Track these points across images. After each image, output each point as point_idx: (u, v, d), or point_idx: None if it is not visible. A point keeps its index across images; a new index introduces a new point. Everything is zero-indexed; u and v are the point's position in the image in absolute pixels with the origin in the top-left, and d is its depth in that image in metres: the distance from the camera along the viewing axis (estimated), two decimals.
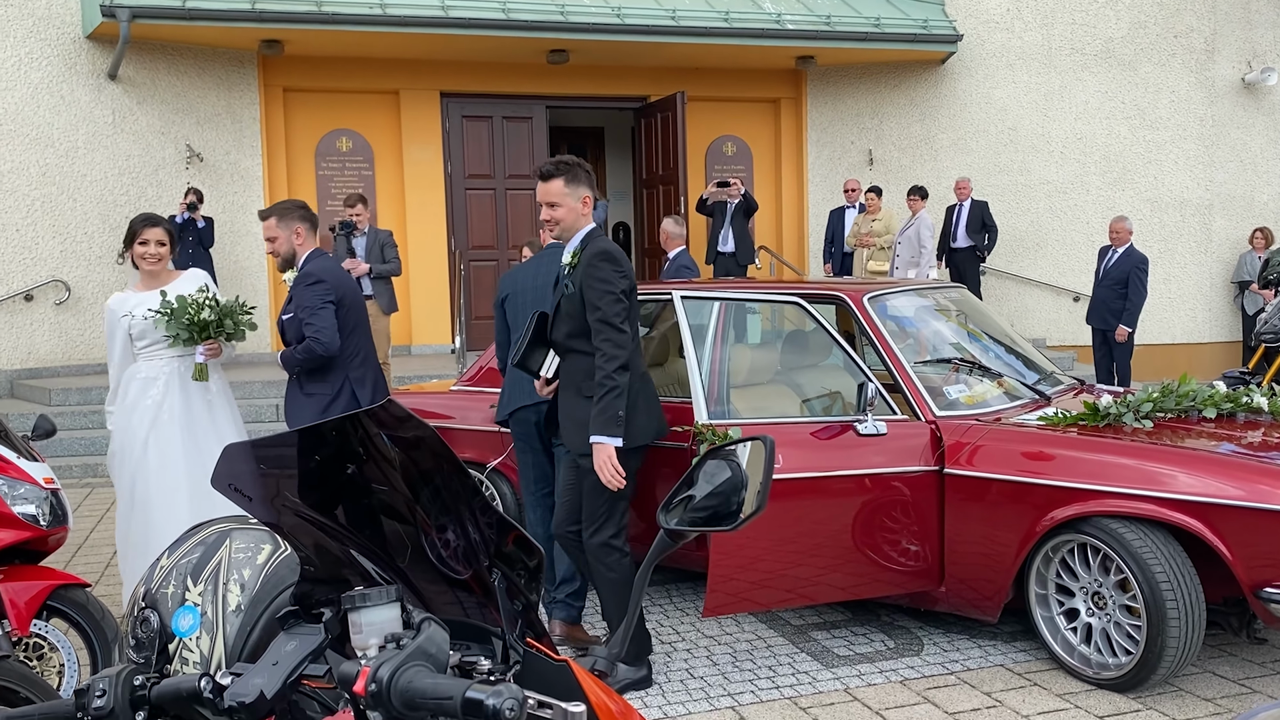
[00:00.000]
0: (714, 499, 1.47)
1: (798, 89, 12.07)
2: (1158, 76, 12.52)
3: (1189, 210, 12.76)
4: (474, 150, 11.39)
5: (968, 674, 3.95)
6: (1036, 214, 12.31)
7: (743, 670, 4.05)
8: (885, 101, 12.06)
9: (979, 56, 12.04)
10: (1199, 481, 3.58)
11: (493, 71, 11.15)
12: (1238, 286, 12.74)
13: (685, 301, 4.51)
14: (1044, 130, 12.32)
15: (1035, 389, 4.54)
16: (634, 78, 11.55)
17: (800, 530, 4.12)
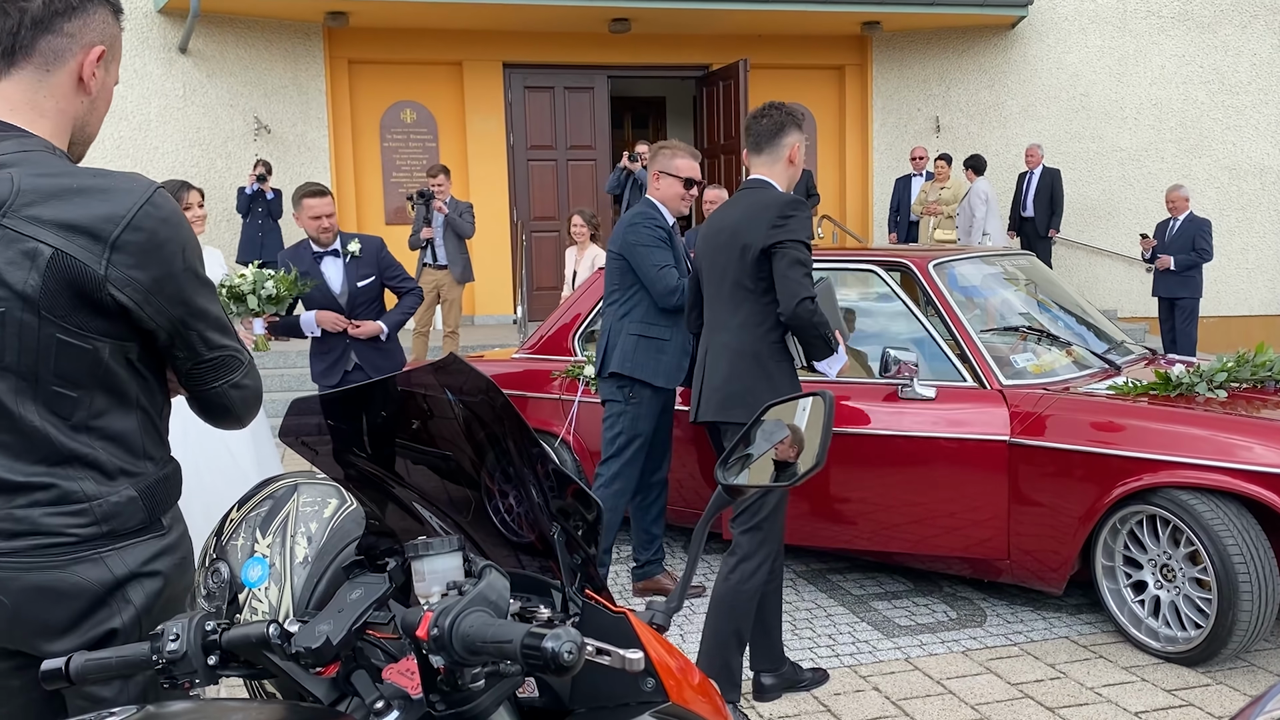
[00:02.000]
0: (773, 455, 1.47)
1: (863, 55, 11.87)
2: (1238, 39, 12.09)
3: (1269, 178, 12.34)
4: (536, 121, 11.41)
5: (1031, 645, 3.91)
6: (1109, 182, 12.01)
7: (802, 638, 4.05)
8: (953, 67, 11.81)
9: (1050, 20, 11.73)
10: (1274, 452, 3.49)
11: (555, 41, 11.14)
12: None
13: None
14: (1118, 96, 11.98)
15: (1105, 358, 4.45)
16: (696, 46, 11.46)
17: (837, 479, 4.34)
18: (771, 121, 3.39)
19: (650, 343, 4.24)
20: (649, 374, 4.24)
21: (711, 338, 3.41)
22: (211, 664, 1.21)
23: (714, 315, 3.42)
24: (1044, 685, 3.56)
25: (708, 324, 3.46)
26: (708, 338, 3.45)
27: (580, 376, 5.12)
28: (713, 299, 3.42)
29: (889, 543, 4.34)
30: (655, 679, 1.26)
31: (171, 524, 1.64)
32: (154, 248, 1.48)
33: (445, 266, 8.50)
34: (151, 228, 1.48)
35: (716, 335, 3.39)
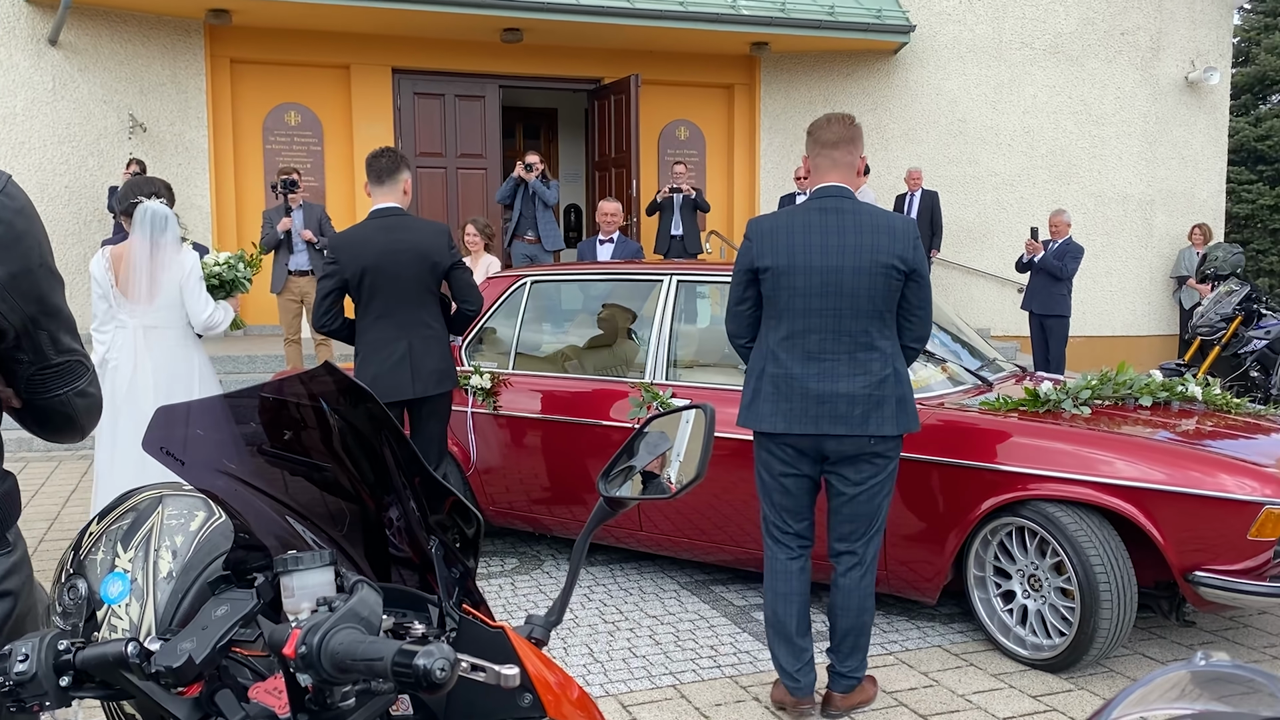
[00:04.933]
0: (656, 468, 1.47)
1: (752, 75, 12.09)
2: (1104, 73, 12.72)
3: (1131, 205, 13.00)
4: (426, 128, 11.27)
5: (906, 654, 4.00)
6: (984, 205, 12.47)
7: (685, 649, 4.07)
8: (838, 90, 12.12)
9: (931, 48, 12.15)
10: (1133, 467, 3.66)
11: (446, 48, 11.03)
12: (1176, 281, 13.02)
13: (642, 282, 4.51)
14: (993, 123, 12.46)
15: (978, 375, 4.61)
16: (588, 59, 11.49)
17: (719, 490, 4.43)
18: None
19: None
20: None
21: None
22: (64, 685, 1.15)
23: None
24: (917, 693, 3.65)
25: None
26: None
27: (468, 388, 5.06)
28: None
29: None
30: (533, 694, 1.24)
31: (15, 541, 1.55)
32: (11, 241, 1.40)
33: (308, 272, 8.14)
34: (8, 220, 1.40)
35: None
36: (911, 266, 3.23)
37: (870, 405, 3.20)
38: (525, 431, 4.96)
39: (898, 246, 3.21)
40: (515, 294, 5.21)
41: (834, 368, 3.23)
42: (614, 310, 5.33)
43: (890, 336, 3.27)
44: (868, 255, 3.19)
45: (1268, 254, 20.00)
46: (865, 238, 3.21)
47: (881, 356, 3.23)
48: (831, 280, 3.21)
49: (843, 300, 3.20)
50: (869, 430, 3.20)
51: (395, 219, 4.28)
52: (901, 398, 3.25)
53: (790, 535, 3.43)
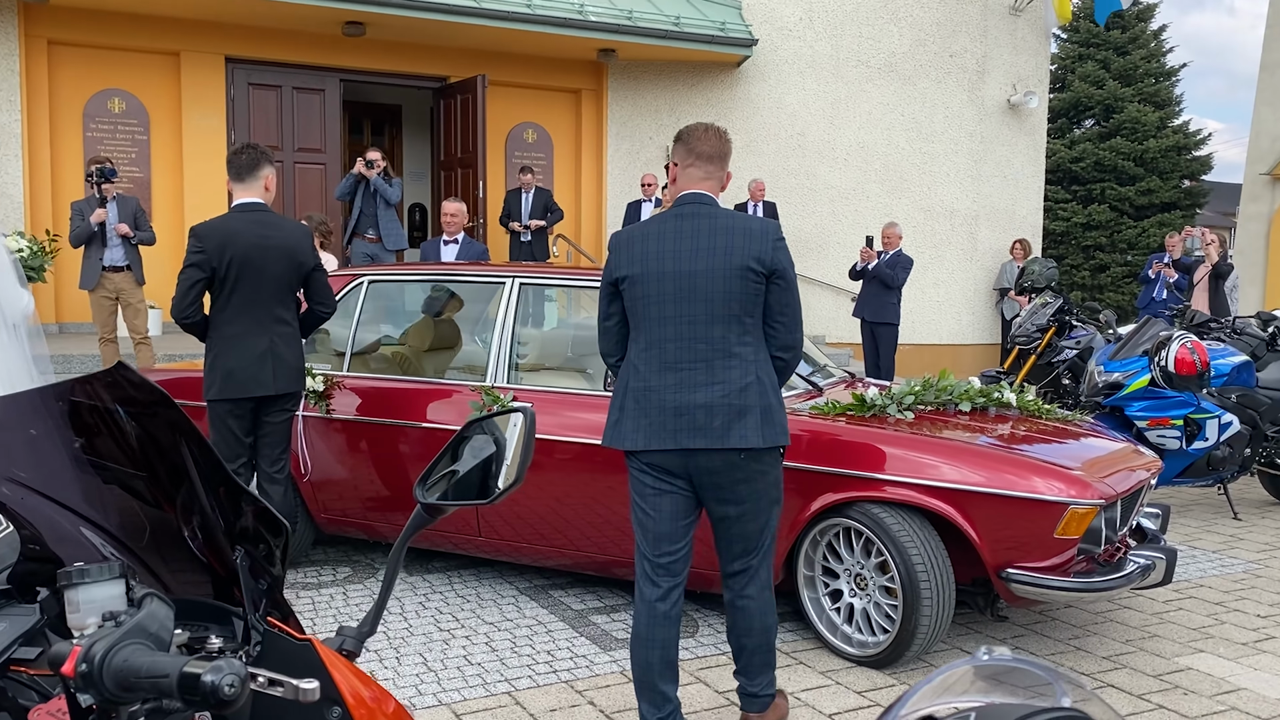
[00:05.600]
0: (478, 472, 1.45)
1: (599, 81, 12.14)
2: (934, 93, 13.31)
3: (958, 220, 13.64)
4: (261, 120, 10.85)
5: None
6: (820, 217, 12.86)
7: (521, 655, 4.04)
8: (683, 99, 12.29)
9: (772, 62, 12.46)
10: (953, 470, 3.83)
11: (284, 39, 10.66)
12: (999, 293, 13.74)
13: (483, 284, 4.46)
14: (830, 137, 12.88)
15: (809, 380, 4.74)
16: (434, 57, 11.31)
17: (560, 494, 4.42)
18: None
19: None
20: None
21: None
22: None
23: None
24: None
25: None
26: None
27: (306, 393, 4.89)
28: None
29: (608, 555, 4.42)
30: (342, 708, 1.20)
31: None
32: None
33: (124, 268, 7.57)
34: None
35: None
36: (770, 268, 3.06)
37: (731, 415, 3.00)
38: (359, 436, 4.83)
39: (754, 247, 3.05)
40: (351, 294, 5.07)
41: (691, 377, 3.04)
42: (454, 312, 5.25)
43: (753, 343, 3.08)
44: (722, 257, 3.04)
45: (1080, 269, 21.34)
46: (720, 239, 3.07)
47: (742, 364, 3.05)
48: (685, 285, 3.06)
49: (697, 306, 3.05)
50: (730, 443, 3.00)
51: (261, 214, 4.32)
52: (767, 408, 3.04)
53: (661, 570, 3.16)
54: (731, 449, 3.02)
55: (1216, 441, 6.10)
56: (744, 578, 3.23)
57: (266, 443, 4.40)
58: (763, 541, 3.21)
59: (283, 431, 4.44)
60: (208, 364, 4.30)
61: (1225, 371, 6.37)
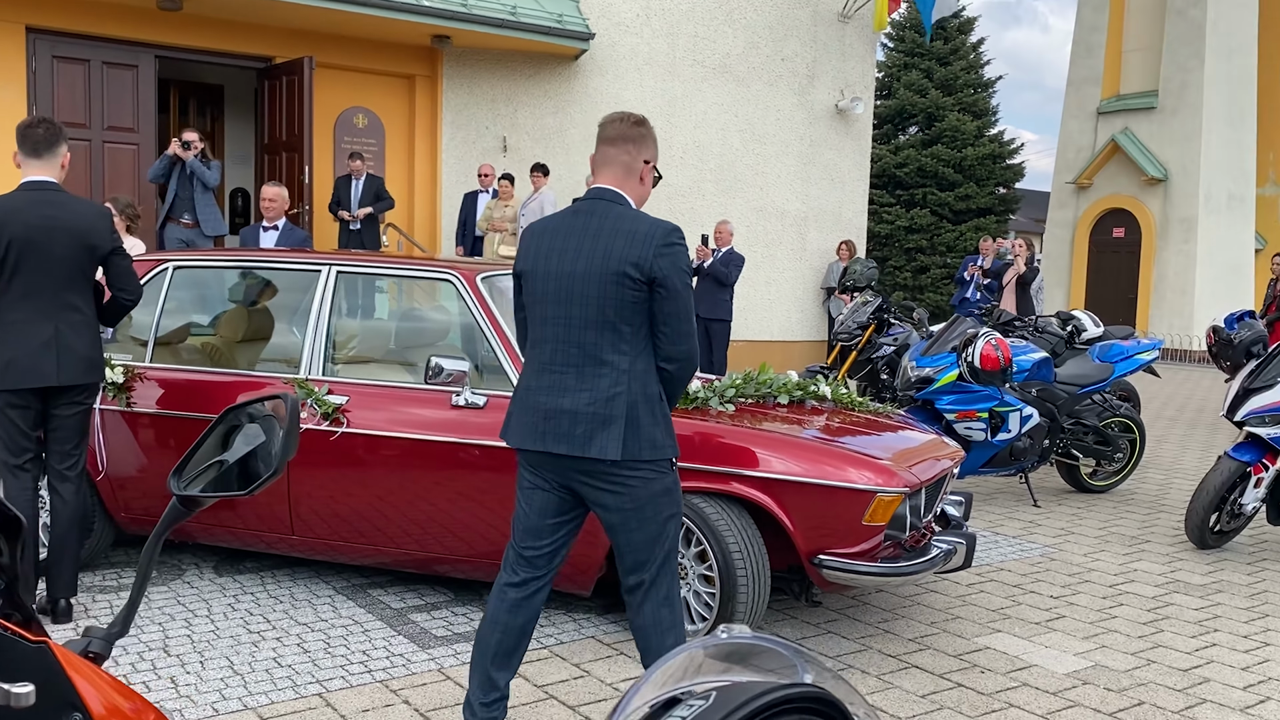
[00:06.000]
0: (249, 462, 1.37)
1: (434, 68, 11.91)
2: (767, 95, 13.64)
3: (788, 220, 14.03)
4: (67, 96, 10.17)
5: (560, 647, 4.06)
6: (657, 214, 12.90)
7: (335, 656, 3.91)
8: (521, 90, 12.20)
9: (610, 57, 12.51)
10: (769, 460, 3.92)
11: (93, 10, 10.02)
12: (825, 292, 14.20)
13: (298, 272, 4.28)
14: (667, 135, 13.01)
15: None
16: (259, 36, 10.85)
17: (381, 490, 4.30)
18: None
19: (664, 407, 3.10)
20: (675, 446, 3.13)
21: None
22: None
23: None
24: (568, 685, 3.71)
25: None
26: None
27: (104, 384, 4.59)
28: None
29: (430, 552, 4.34)
30: (84, 714, 1.11)
31: None
32: None
33: None
34: None
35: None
36: (650, 275, 2.90)
37: (595, 424, 2.92)
38: (163, 430, 4.58)
39: (634, 252, 2.90)
40: (155, 280, 4.80)
41: (562, 381, 2.97)
42: (267, 301, 5.04)
43: (630, 352, 2.96)
44: (600, 261, 2.93)
45: (903, 270, 22.29)
46: (602, 242, 2.95)
47: (613, 373, 2.95)
48: (565, 287, 2.97)
49: (574, 309, 2.96)
50: (590, 452, 2.92)
51: (51, 194, 4.04)
52: (634, 420, 2.93)
53: (522, 562, 3.12)
54: (593, 458, 2.94)
55: (1018, 433, 6.46)
56: (638, 594, 3.10)
57: (56, 438, 4.11)
58: (653, 556, 3.06)
59: (74, 426, 4.15)
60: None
61: (1026, 367, 6.75)
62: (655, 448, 2.98)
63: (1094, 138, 21.82)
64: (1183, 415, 11.88)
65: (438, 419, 4.27)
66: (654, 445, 2.98)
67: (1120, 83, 21.62)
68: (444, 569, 4.42)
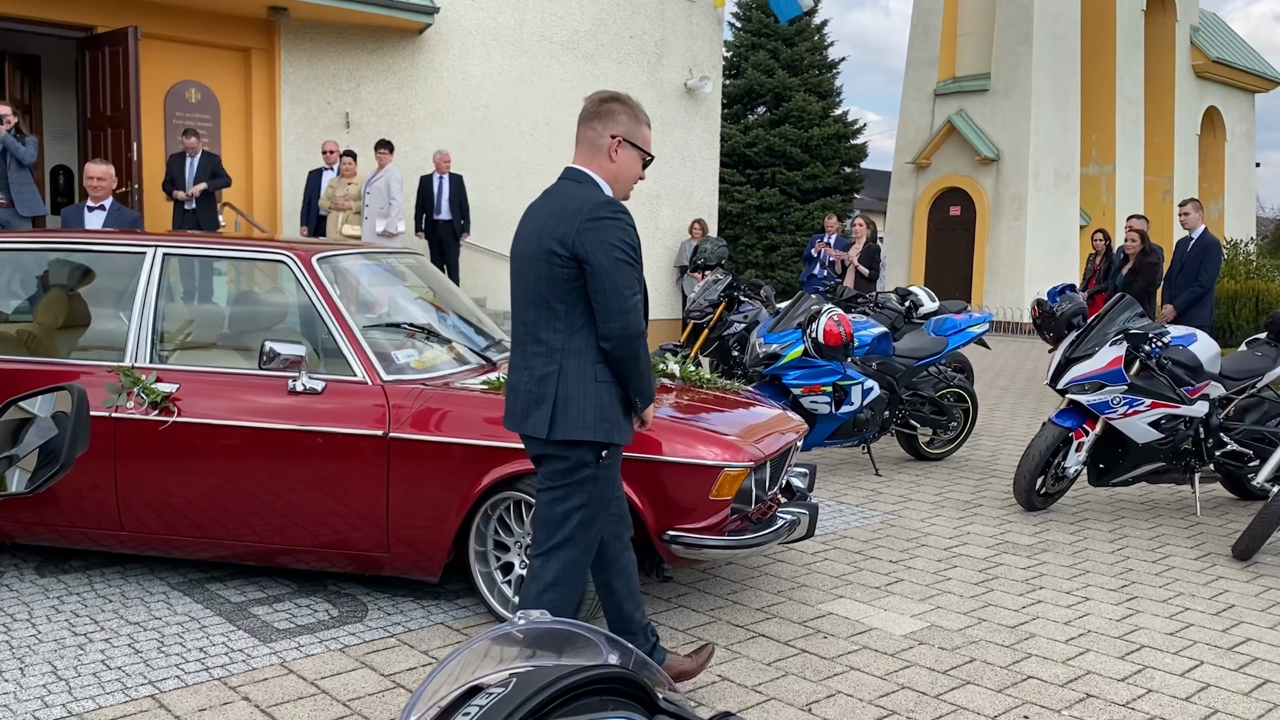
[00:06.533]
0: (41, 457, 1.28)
1: (271, 41, 11.45)
2: (616, 72, 13.64)
3: (640, 199, 14.08)
4: None
5: (408, 635, 4.00)
6: (509, 191, 12.87)
7: (169, 655, 3.74)
8: (363, 65, 11.86)
9: (456, 32, 12.28)
10: None
11: None
12: (679, 270, 14.35)
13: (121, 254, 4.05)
14: (516, 111, 12.88)
15: (483, 355, 4.71)
16: (78, 4, 10.20)
17: (218, 481, 4.16)
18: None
19: (612, 388, 3.06)
20: (624, 432, 3.12)
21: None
22: None
23: None
24: (416, 673, 3.65)
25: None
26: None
27: None
28: None
29: (272, 543, 4.20)
30: None
31: None
32: None
33: None
34: None
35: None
36: (573, 251, 2.92)
37: (530, 402, 3.01)
38: None
39: (560, 229, 2.93)
40: None
41: (513, 359, 3.12)
42: (91, 285, 4.76)
43: (563, 330, 2.98)
44: (535, 241, 3.00)
45: (754, 248, 22.71)
46: (539, 221, 3.02)
47: (547, 352, 2.99)
48: (517, 267, 3.10)
49: (518, 288, 3.09)
50: (526, 429, 3.03)
51: None
52: (564, 399, 2.96)
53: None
54: (531, 436, 3.05)
55: (860, 406, 6.67)
56: (530, 573, 3.13)
57: None
58: (552, 537, 3.08)
59: None
60: None
61: (867, 342, 6.98)
62: (584, 428, 2.99)
63: (931, 119, 22.67)
64: (1013, 385, 12.51)
65: (274, 405, 4.12)
66: (582, 425, 2.99)
67: (956, 65, 22.51)
68: (286, 560, 4.29)
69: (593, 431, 3.00)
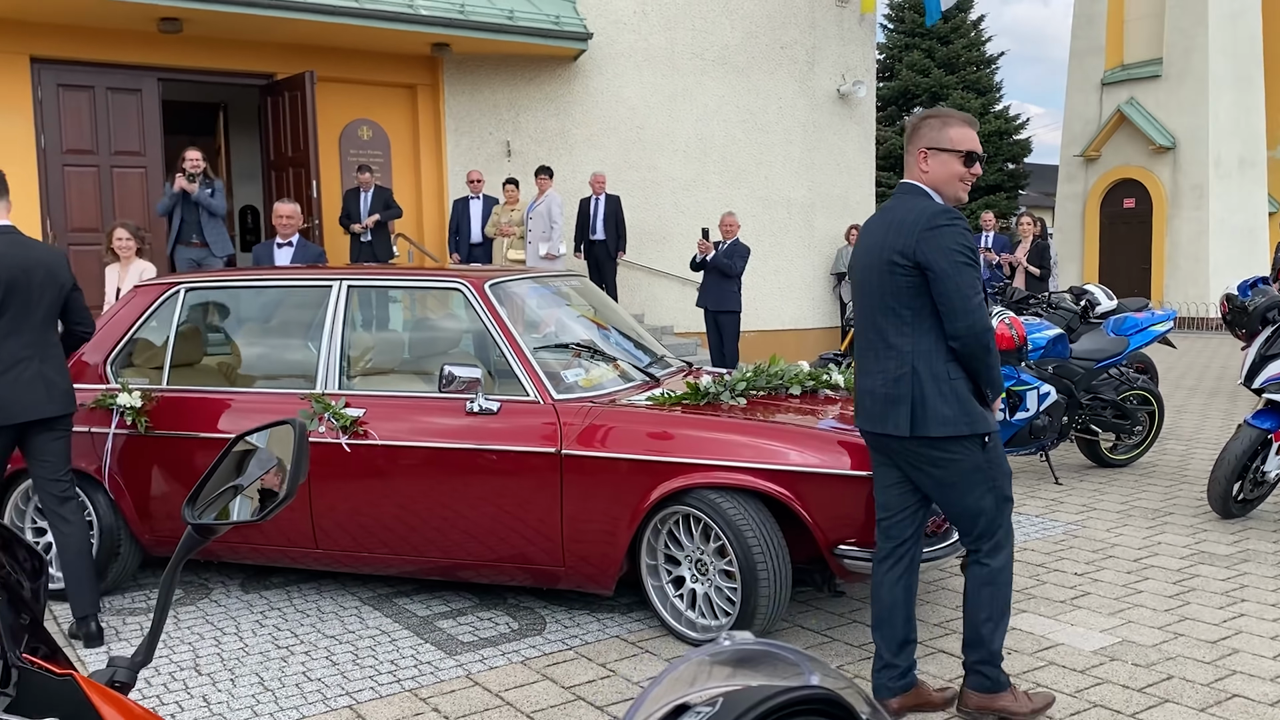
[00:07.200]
0: (262, 487, 1.39)
1: (434, 76, 11.94)
2: (767, 84, 13.62)
3: (794, 208, 14.00)
4: (73, 123, 10.26)
5: (585, 648, 4.09)
6: (663, 209, 13.00)
7: (363, 667, 3.94)
8: (522, 94, 12.22)
9: (609, 55, 12.51)
10: (784, 452, 3.92)
11: (95, 37, 10.09)
12: (836, 278, 14.18)
13: (310, 288, 4.31)
14: (669, 129, 13.02)
15: (647, 371, 4.78)
16: (259, 53, 10.91)
17: (402, 499, 4.35)
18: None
19: (964, 384, 3.19)
20: (988, 420, 3.24)
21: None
22: None
23: None
24: (595, 685, 3.73)
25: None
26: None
27: (115, 406, 4.65)
28: None
29: (454, 558, 4.37)
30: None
31: None
32: None
33: None
34: None
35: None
36: (915, 260, 3.12)
37: (887, 404, 3.21)
38: (183, 451, 4.62)
39: (900, 240, 3.17)
40: (167, 303, 4.84)
41: (864, 363, 3.32)
42: (282, 318, 5.08)
43: (912, 335, 3.18)
44: (876, 254, 3.24)
45: None
46: (877, 234, 3.28)
47: (898, 356, 3.20)
48: (857, 278, 3.37)
49: (862, 297, 3.32)
50: (886, 429, 3.22)
51: (18, 236, 4.18)
52: (922, 399, 3.14)
53: (880, 533, 3.43)
54: (889, 434, 3.22)
55: (1036, 411, 6.43)
56: (972, 559, 3.33)
57: (48, 466, 4.19)
58: (973, 527, 3.26)
59: (60, 452, 4.24)
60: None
61: (1042, 345, 6.73)
62: (944, 424, 3.13)
63: (1099, 109, 21.69)
64: (1202, 384, 11.82)
65: (453, 426, 4.29)
66: (942, 422, 3.14)
67: (1124, 52, 21.48)
68: (467, 574, 4.45)
69: (955, 426, 3.15)
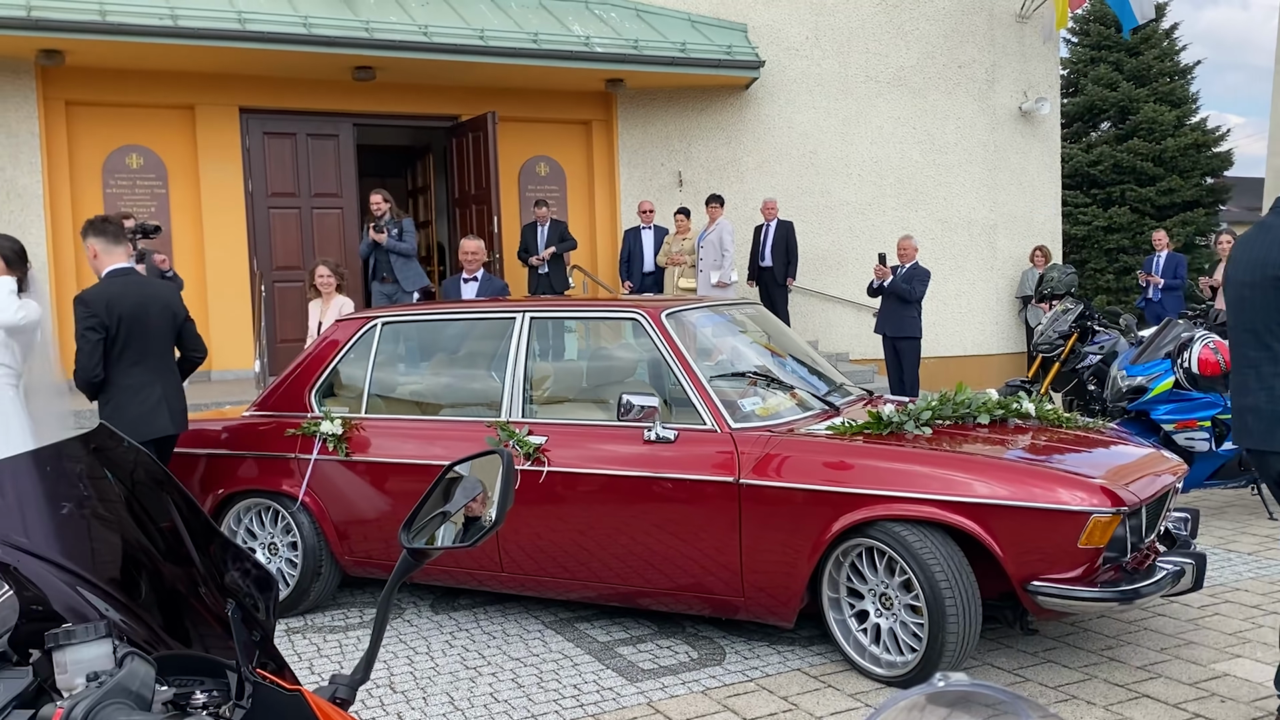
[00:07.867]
0: (464, 515, 1.45)
1: (608, 111, 12.22)
2: (945, 104, 13.30)
3: (976, 230, 13.58)
4: (277, 168, 11.01)
5: (766, 680, 4.05)
6: (837, 234, 12.85)
7: (547, 690, 4.02)
8: (693, 125, 12.35)
9: (781, 82, 12.50)
10: (972, 484, 3.79)
11: (296, 87, 10.82)
12: (1021, 301, 13.64)
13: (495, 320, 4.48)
14: (843, 154, 12.88)
15: (825, 400, 4.72)
16: (444, 96, 11.44)
17: (582, 525, 4.43)
18: None
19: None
20: None
21: None
22: None
23: None
24: (777, 719, 3.69)
25: None
26: None
27: (318, 434, 4.93)
28: None
29: (633, 585, 4.41)
30: None
31: None
32: None
33: None
34: None
35: None
36: None
37: (1273, 421, 3.19)
38: (379, 476, 4.86)
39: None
40: (366, 336, 5.11)
41: (1244, 381, 3.29)
42: (469, 349, 5.28)
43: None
44: (1257, 269, 3.21)
45: (1103, 273, 21.15)
46: (1263, 250, 3.21)
47: (1257, 374, 3.22)
48: (1235, 294, 3.31)
49: (1244, 315, 3.28)
50: (1274, 446, 3.19)
51: (135, 277, 4.89)
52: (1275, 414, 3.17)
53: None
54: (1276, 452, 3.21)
55: None
56: None
57: None
58: None
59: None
60: (107, 414, 4.70)
61: None
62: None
63: None
64: None
65: (631, 454, 4.35)
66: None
67: None
68: (646, 602, 4.49)
69: None
